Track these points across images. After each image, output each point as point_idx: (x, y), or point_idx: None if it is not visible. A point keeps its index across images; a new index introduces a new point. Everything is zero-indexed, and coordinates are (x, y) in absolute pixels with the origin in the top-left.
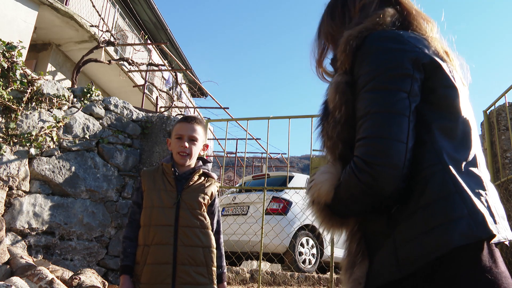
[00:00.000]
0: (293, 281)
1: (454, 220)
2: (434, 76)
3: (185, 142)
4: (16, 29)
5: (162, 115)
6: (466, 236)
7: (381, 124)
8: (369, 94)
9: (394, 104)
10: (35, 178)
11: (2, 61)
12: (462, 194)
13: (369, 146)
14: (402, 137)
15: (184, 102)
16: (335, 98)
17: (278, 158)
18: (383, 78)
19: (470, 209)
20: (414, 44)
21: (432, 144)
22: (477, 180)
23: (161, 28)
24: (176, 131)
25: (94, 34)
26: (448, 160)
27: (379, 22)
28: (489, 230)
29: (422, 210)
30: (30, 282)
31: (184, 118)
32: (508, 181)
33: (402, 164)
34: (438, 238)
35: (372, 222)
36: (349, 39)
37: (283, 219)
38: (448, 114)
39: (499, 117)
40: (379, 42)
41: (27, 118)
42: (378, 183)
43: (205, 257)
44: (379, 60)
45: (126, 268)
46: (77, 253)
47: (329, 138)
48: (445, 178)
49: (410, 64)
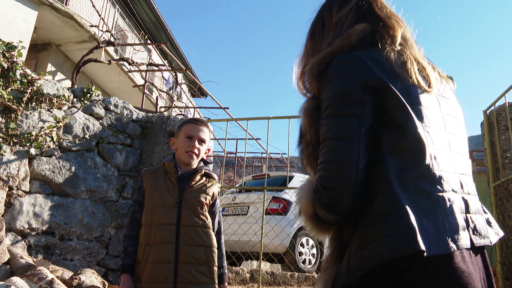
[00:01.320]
0: (293, 281)
1: (386, 236)
2: (386, 97)
3: (195, 142)
4: (16, 29)
5: (162, 115)
6: (394, 250)
7: (333, 150)
8: (325, 121)
9: (344, 129)
10: (35, 178)
11: (2, 61)
12: (399, 211)
13: (324, 171)
14: (352, 160)
15: (184, 102)
16: (305, 122)
17: (278, 158)
18: (336, 104)
19: (403, 227)
20: (367, 65)
21: (382, 163)
22: (426, 196)
23: (161, 28)
24: (186, 131)
25: (94, 34)
26: (393, 179)
27: (344, 45)
28: (417, 248)
29: (367, 224)
30: (30, 282)
31: (194, 120)
32: (508, 181)
33: (353, 185)
34: (372, 251)
35: (345, 229)
36: (312, 67)
37: (283, 219)
38: (399, 133)
39: (499, 117)
40: (335, 69)
41: (27, 118)
42: (334, 203)
43: (206, 256)
44: (333, 87)
45: (126, 267)
46: (77, 253)
47: (305, 157)
48: (387, 196)
49: (359, 89)
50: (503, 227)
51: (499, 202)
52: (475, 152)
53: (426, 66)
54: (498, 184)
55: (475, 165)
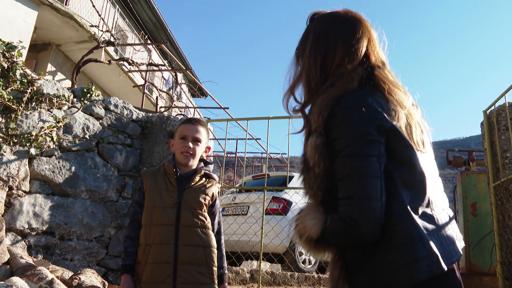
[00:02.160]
0: (293, 281)
1: (418, 261)
2: (395, 139)
3: (189, 143)
4: (16, 29)
5: (162, 115)
6: (427, 272)
7: (360, 186)
8: (345, 159)
9: (367, 167)
10: (35, 178)
11: (2, 61)
12: (423, 239)
13: (352, 206)
14: (377, 196)
15: (184, 102)
16: (315, 157)
17: (278, 158)
18: (355, 145)
19: (429, 251)
20: (377, 110)
21: (398, 196)
22: (431, 219)
23: (161, 28)
24: (180, 131)
25: (94, 34)
26: (411, 210)
27: (349, 88)
28: (442, 268)
29: (394, 250)
30: (30, 282)
31: (188, 120)
32: (508, 181)
33: (380, 218)
34: (406, 274)
35: (350, 252)
36: (321, 109)
37: (283, 219)
38: (407, 169)
39: (499, 117)
40: (348, 111)
41: (27, 118)
42: (362, 235)
43: (206, 257)
44: (349, 129)
45: (127, 268)
46: (77, 253)
47: (311, 188)
48: (409, 226)
49: (375, 131)
50: (503, 227)
51: (499, 202)
52: (475, 152)
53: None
54: (498, 184)
55: (475, 165)
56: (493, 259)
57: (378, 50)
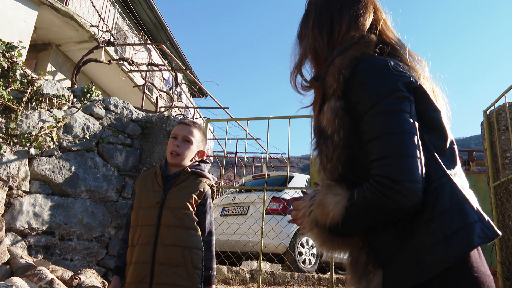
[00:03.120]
0: (293, 281)
1: (471, 224)
2: (423, 100)
3: (178, 141)
4: (16, 29)
5: (162, 115)
6: (482, 238)
7: (398, 143)
8: (377, 117)
9: (403, 124)
10: (35, 178)
11: (2, 61)
12: (469, 202)
13: (392, 165)
14: (418, 153)
15: (184, 102)
16: (334, 123)
17: (278, 158)
18: (386, 101)
19: (479, 215)
20: (402, 70)
21: (435, 160)
22: (464, 190)
23: (161, 28)
24: (172, 132)
25: (94, 34)
26: (450, 174)
27: (366, 51)
28: (496, 232)
29: (440, 217)
30: (30, 282)
31: (183, 121)
32: (508, 181)
33: (422, 178)
34: (461, 241)
35: (378, 236)
36: (341, 68)
37: (283, 219)
38: (438, 134)
39: (499, 117)
40: (373, 70)
41: (27, 118)
42: (405, 198)
43: (184, 258)
44: (377, 86)
45: (116, 269)
46: (77, 253)
47: (329, 161)
48: (453, 188)
49: (404, 87)
50: (503, 227)
51: (499, 202)
52: (475, 152)
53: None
54: (498, 184)
55: (475, 165)
56: (493, 259)
57: (385, 18)
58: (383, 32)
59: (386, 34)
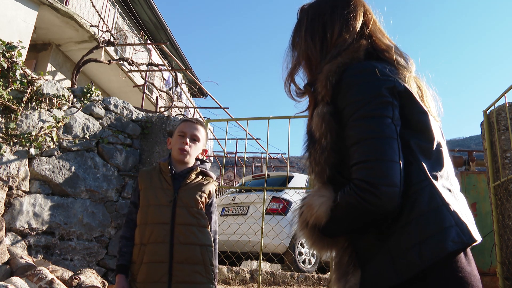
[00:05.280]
0: (293, 281)
1: (445, 229)
2: (409, 103)
3: (187, 139)
4: (16, 29)
5: (162, 115)
6: (457, 242)
7: (377, 148)
8: (359, 122)
9: (383, 129)
10: (35, 178)
11: (2, 61)
12: (448, 206)
13: (370, 169)
14: (396, 158)
15: (184, 102)
16: (322, 127)
17: (278, 158)
18: (368, 107)
19: (456, 220)
20: (388, 74)
21: (417, 163)
22: (449, 192)
23: (161, 28)
24: (179, 129)
25: (94, 34)
26: (432, 177)
27: (355, 56)
28: (473, 238)
29: (415, 221)
30: (30, 282)
31: (189, 119)
32: (508, 181)
33: (399, 182)
34: (435, 245)
35: (361, 237)
36: (329, 74)
37: (283, 219)
38: (423, 137)
39: (499, 117)
40: (358, 76)
41: (27, 118)
42: (382, 202)
43: (202, 255)
44: (360, 93)
45: (121, 268)
46: (77, 253)
47: (317, 164)
48: (432, 192)
49: (387, 92)
50: (503, 227)
51: (499, 202)
52: (475, 152)
53: (425, 90)
54: (498, 184)
55: (475, 165)
56: (493, 259)
57: (375, 19)
58: (373, 34)
59: (376, 36)
